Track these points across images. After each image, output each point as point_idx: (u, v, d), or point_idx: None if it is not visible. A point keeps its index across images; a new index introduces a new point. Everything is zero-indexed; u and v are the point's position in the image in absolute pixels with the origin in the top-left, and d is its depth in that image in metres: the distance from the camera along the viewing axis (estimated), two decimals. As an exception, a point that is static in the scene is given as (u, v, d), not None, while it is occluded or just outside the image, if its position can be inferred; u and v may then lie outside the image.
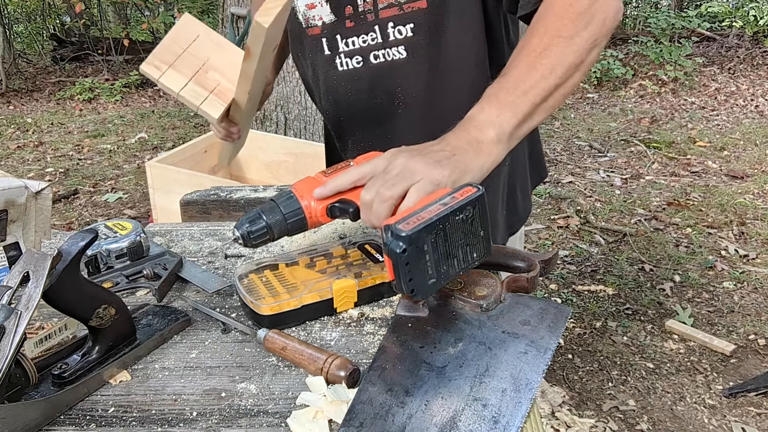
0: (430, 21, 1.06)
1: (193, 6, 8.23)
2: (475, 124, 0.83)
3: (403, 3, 1.06)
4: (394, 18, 1.07)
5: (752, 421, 2.08)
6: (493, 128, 0.82)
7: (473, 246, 0.75)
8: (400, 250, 0.69)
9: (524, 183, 1.32)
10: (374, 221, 0.78)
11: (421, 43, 1.08)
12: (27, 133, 5.73)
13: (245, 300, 0.82)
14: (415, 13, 1.06)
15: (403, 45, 1.09)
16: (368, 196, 0.77)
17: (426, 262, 0.72)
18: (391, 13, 1.07)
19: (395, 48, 1.10)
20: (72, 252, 0.67)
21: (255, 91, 1.06)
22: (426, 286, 0.73)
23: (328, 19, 1.12)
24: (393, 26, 1.08)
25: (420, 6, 1.05)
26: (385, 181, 0.76)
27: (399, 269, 0.70)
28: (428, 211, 0.71)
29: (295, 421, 0.64)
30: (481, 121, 0.83)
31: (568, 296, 2.86)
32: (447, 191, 0.75)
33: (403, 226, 0.69)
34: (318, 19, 1.13)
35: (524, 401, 0.66)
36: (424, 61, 1.10)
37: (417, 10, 1.06)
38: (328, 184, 0.81)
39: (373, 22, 1.09)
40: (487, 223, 0.75)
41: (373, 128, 1.18)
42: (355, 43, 1.11)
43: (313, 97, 1.31)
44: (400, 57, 1.10)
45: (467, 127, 0.84)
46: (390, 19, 1.08)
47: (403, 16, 1.07)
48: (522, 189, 1.31)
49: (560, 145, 4.98)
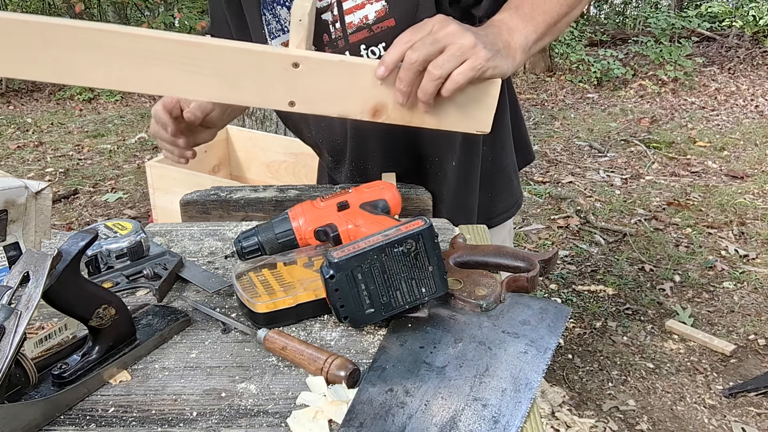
0: None
1: (193, 6, 8.23)
2: (506, 28, 0.87)
3: (372, 24, 1.07)
4: (364, 40, 1.09)
5: (752, 421, 2.08)
6: (520, 36, 0.87)
7: (420, 281, 0.77)
8: (327, 276, 0.73)
9: (511, 166, 1.34)
10: (421, 97, 0.81)
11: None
12: (27, 133, 5.73)
13: (241, 298, 0.83)
14: (385, 33, 1.07)
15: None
16: (415, 55, 0.79)
17: (361, 292, 0.74)
18: (362, 36, 1.08)
19: None
20: (72, 252, 0.67)
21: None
22: (364, 316, 0.76)
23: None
24: (365, 48, 1.09)
25: (389, 24, 1.07)
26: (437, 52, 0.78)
27: (330, 295, 0.75)
28: (367, 241, 0.74)
29: (295, 421, 0.64)
30: (511, 27, 0.87)
31: (568, 296, 2.86)
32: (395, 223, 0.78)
33: (336, 253, 0.73)
34: None
35: (524, 401, 0.66)
36: None
37: (387, 29, 1.07)
38: (386, 61, 0.81)
39: (344, 48, 1.10)
40: (437, 259, 0.76)
41: (365, 145, 1.20)
42: None
43: (300, 134, 1.32)
44: None
45: (500, 27, 0.87)
46: (361, 42, 1.09)
47: (373, 37, 1.08)
48: (507, 173, 1.33)
49: (560, 145, 4.98)
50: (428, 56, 0.79)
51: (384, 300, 0.76)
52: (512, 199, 1.37)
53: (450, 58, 0.78)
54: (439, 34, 0.79)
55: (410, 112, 0.85)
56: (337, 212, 0.89)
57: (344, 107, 0.85)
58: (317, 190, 1.19)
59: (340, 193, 0.92)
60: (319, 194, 1.11)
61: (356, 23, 1.07)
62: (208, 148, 2.82)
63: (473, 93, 0.84)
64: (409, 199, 1.13)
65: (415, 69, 0.80)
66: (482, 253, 0.92)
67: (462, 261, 0.91)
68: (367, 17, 1.07)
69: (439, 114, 0.85)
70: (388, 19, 1.06)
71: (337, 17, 1.08)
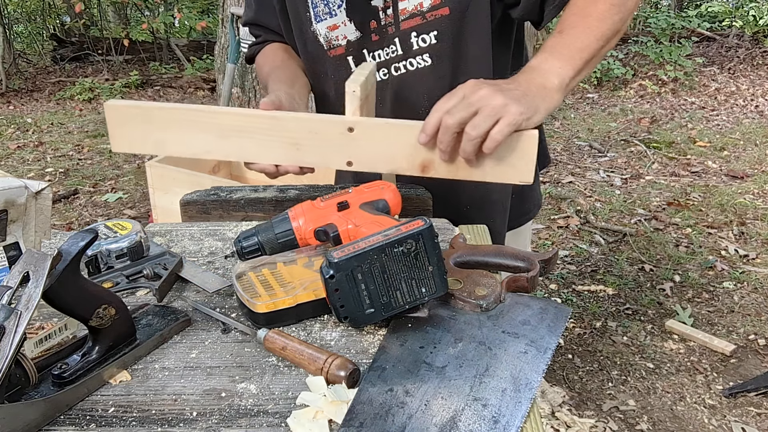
0: (453, 26, 1.09)
1: (193, 6, 8.23)
2: (540, 72, 0.92)
3: (426, 12, 1.09)
4: (417, 27, 1.10)
5: (752, 421, 2.08)
6: (556, 77, 0.92)
7: (420, 281, 0.77)
8: (327, 276, 0.73)
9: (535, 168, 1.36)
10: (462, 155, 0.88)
11: (446, 48, 1.11)
12: (27, 133, 5.73)
13: (241, 298, 0.83)
14: (439, 21, 1.09)
15: (427, 53, 1.12)
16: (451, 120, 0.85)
17: (361, 292, 0.75)
18: (414, 23, 1.10)
19: (419, 57, 1.13)
20: (72, 252, 0.67)
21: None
22: (364, 316, 0.76)
23: (353, 36, 1.15)
24: (416, 35, 1.11)
25: (443, 13, 1.08)
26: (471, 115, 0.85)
27: (330, 295, 0.75)
28: (367, 241, 0.74)
29: (295, 421, 0.64)
30: (545, 69, 0.93)
31: (568, 296, 2.86)
32: (395, 223, 0.79)
33: (336, 253, 0.73)
34: (342, 38, 1.16)
35: (524, 401, 0.66)
36: (448, 66, 1.13)
37: (440, 18, 1.09)
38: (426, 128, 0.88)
39: (393, 35, 1.11)
40: (437, 259, 0.77)
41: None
42: (380, 56, 1.15)
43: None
44: (426, 65, 1.13)
45: (532, 74, 0.92)
46: (413, 29, 1.10)
47: (425, 24, 1.10)
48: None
49: (560, 145, 4.98)
50: (463, 120, 0.85)
51: (384, 300, 0.76)
52: (535, 201, 1.41)
53: (485, 119, 0.84)
54: (472, 98, 0.85)
55: (456, 167, 0.93)
56: (337, 212, 0.89)
57: (395, 165, 0.95)
58: (317, 190, 1.19)
59: (340, 193, 0.92)
60: (319, 194, 1.11)
61: (410, 9, 1.09)
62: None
63: (513, 147, 0.89)
64: (409, 199, 1.13)
65: (452, 132, 0.87)
66: (482, 253, 0.92)
67: (462, 261, 0.91)
68: (422, 4, 1.09)
69: (483, 168, 0.92)
70: (443, 7, 1.08)
71: (389, 3, 1.10)
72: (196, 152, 0.99)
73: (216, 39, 4.45)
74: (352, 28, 1.14)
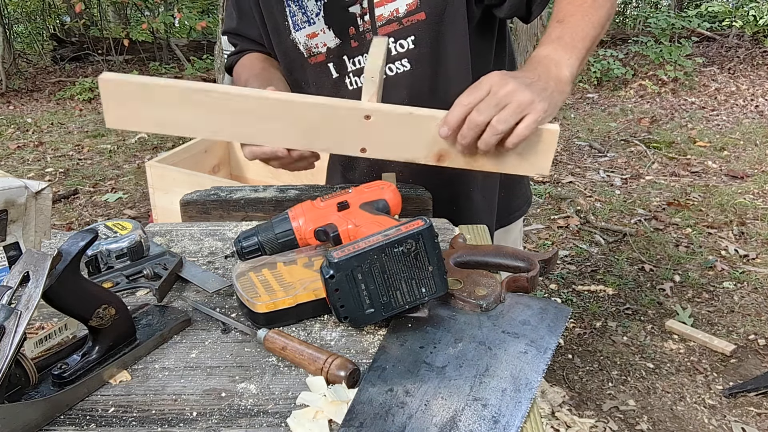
0: (430, 31, 1.09)
1: (193, 6, 8.23)
2: (553, 63, 0.91)
3: (402, 17, 1.09)
4: (394, 33, 1.10)
5: (752, 421, 2.08)
6: (567, 68, 0.91)
7: (420, 281, 0.77)
8: (327, 276, 0.73)
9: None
10: (482, 147, 0.86)
11: (424, 53, 1.11)
12: (27, 133, 5.73)
13: (241, 298, 0.83)
14: (416, 26, 1.09)
15: (406, 58, 1.12)
16: (481, 118, 0.83)
17: (361, 292, 0.75)
18: (391, 29, 1.10)
19: (398, 62, 1.13)
20: (72, 252, 0.67)
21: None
22: (364, 316, 0.76)
23: (333, 43, 1.15)
24: (394, 41, 1.11)
25: (419, 18, 1.08)
26: (499, 111, 0.83)
27: (330, 295, 0.75)
28: (367, 241, 0.74)
29: (295, 421, 0.64)
30: (557, 60, 0.92)
31: (568, 296, 2.86)
32: (395, 223, 0.79)
33: (336, 253, 0.73)
34: (322, 46, 1.16)
35: (524, 401, 0.66)
36: (427, 70, 1.13)
37: (417, 23, 1.09)
38: (449, 121, 0.86)
39: (371, 41, 1.10)
40: (437, 259, 0.76)
41: None
42: (360, 62, 1.15)
43: None
44: (405, 70, 1.13)
45: (548, 64, 0.91)
46: (390, 35, 1.10)
47: (402, 30, 1.10)
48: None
49: (560, 145, 4.98)
50: (491, 118, 0.84)
51: (384, 300, 0.76)
52: (524, 198, 1.40)
53: (513, 115, 0.83)
54: (500, 93, 0.84)
55: (472, 158, 0.92)
56: (337, 212, 0.89)
57: (411, 153, 0.93)
58: (317, 190, 1.19)
59: (340, 193, 0.92)
60: (319, 194, 1.11)
61: (386, 16, 1.09)
62: (208, 148, 2.82)
63: (535, 140, 0.89)
64: (409, 199, 1.13)
65: (479, 129, 0.85)
66: (482, 253, 0.92)
67: (462, 261, 0.91)
68: (398, 10, 1.09)
69: (499, 159, 0.92)
70: (419, 12, 1.08)
71: (366, 9, 1.10)
72: (203, 133, 0.95)
73: (216, 39, 4.46)
74: (331, 36, 1.14)
